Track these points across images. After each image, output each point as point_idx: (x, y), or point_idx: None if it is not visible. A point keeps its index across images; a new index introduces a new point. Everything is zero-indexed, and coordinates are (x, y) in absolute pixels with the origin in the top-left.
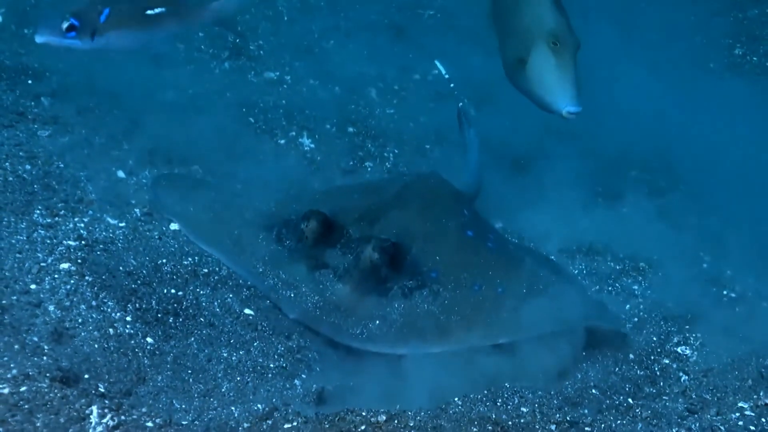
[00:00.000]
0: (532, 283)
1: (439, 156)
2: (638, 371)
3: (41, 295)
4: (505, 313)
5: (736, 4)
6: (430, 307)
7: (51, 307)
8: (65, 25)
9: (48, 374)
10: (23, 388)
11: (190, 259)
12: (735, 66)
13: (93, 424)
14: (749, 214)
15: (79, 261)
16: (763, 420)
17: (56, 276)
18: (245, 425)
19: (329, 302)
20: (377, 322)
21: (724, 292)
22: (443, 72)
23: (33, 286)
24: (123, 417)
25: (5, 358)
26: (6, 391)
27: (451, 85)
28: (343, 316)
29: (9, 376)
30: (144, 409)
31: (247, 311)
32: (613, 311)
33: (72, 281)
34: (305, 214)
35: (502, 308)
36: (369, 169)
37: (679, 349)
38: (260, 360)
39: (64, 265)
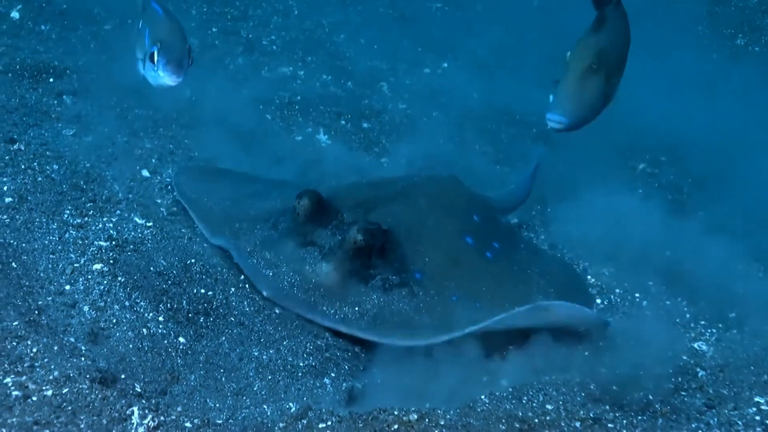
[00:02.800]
0: (515, 304)
1: (452, 150)
2: (657, 367)
3: (76, 296)
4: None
5: None
6: (404, 308)
7: (86, 308)
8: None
9: (88, 375)
10: (65, 390)
11: (218, 258)
12: (737, 56)
13: (135, 425)
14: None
15: (111, 261)
16: None
17: (89, 277)
18: (281, 425)
19: (307, 279)
20: (353, 306)
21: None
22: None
23: (67, 287)
24: (162, 417)
25: (46, 360)
26: (49, 393)
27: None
28: (319, 294)
29: (51, 377)
30: (179, 409)
31: (276, 310)
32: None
33: (105, 282)
34: (300, 192)
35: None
36: (385, 165)
37: (695, 345)
38: (290, 359)
39: (97, 266)
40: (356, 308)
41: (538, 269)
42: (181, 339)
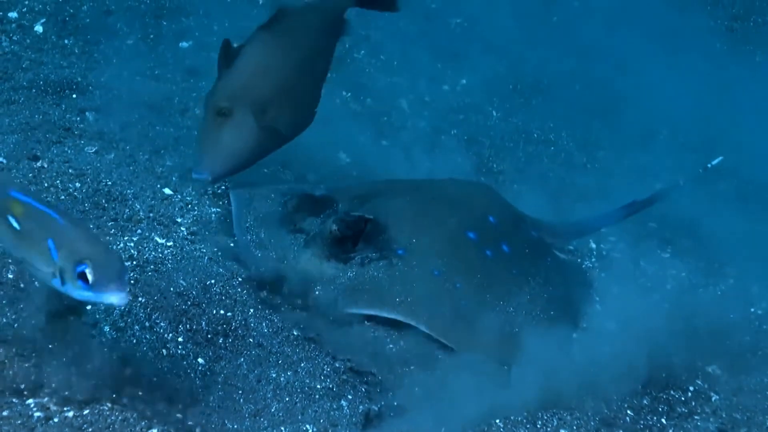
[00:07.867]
0: (499, 298)
1: (470, 169)
2: (671, 391)
3: (96, 316)
4: (448, 306)
5: (755, 9)
6: (380, 275)
7: (106, 328)
8: None
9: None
10: (86, 411)
11: (238, 279)
12: (757, 75)
13: None
14: None
15: (132, 282)
16: None
17: None
18: None
19: (290, 262)
20: (327, 285)
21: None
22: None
23: (89, 307)
24: None
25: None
26: (70, 414)
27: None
28: (297, 276)
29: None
30: (198, 430)
31: (295, 332)
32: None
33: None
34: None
35: (451, 300)
36: None
37: (709, 369)
38: (307, 381)
39: None
40: (329, 288)
41: (544, 283)
42: (200, 360)
